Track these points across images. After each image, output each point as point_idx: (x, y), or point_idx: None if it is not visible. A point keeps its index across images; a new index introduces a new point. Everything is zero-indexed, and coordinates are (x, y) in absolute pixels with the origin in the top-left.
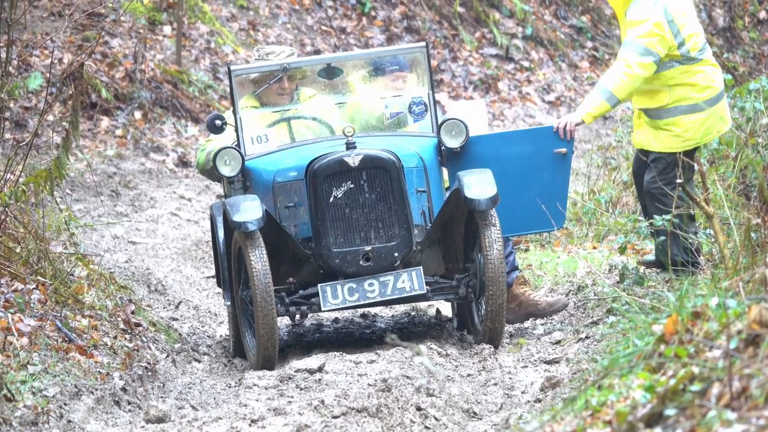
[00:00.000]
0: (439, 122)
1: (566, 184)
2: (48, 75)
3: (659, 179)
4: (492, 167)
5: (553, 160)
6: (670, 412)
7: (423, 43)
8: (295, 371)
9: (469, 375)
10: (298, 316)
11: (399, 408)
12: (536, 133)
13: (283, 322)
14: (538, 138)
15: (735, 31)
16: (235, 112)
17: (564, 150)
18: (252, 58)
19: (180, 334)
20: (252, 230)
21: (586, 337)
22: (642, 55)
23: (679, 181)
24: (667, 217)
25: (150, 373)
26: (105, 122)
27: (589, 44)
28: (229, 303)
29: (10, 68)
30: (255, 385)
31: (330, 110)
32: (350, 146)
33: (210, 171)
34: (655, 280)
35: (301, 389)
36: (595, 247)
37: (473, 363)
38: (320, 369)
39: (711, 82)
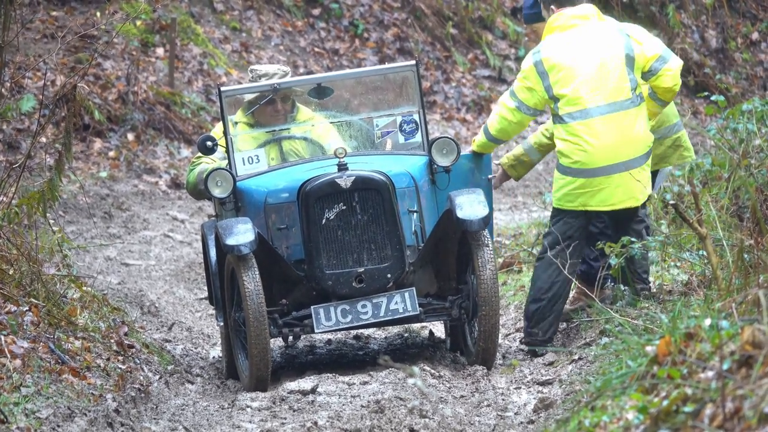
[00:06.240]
0: (430, 140)
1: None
2: (41, 97)
3: (550, 229)
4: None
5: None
6: None
7: (413, 62)
8: (288, 393)
9: (462, 396)
10: (291, 338)
11: (392, 430)
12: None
13: (276, 343)
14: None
15: (728, 52)
16: (226, 133)
17: (490, 177)
18: (246, 79)
19: (173, 355)
20: (245, 253)
21: (579, 359)
22: (510, 97)
23: (672, 202)
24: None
25: (143, 395)
26: (98, 144)
27: None
28: (222, 324)
29: (3, 90)
30: (248, 406)
31: (327, 133)
32: (342, 167)
33: (200, 191)
34: (649, 302)
35: (294, 411)
36: None
37: (466, 384)
38: (313, 390)
39: (577, 151)
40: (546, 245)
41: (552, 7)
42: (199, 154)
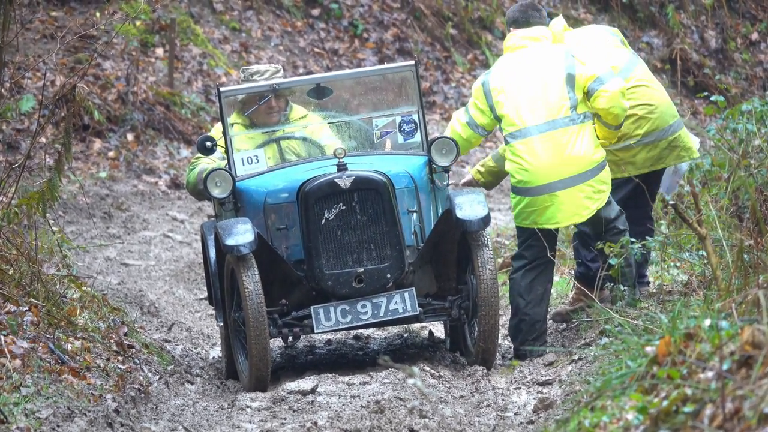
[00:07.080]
0: (429, 140)
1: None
2: (40, 97)
3: (518, 250)
4: None
5: None
6: None
7: (412, 62)
8: (288, 393)
9: (461, 396)
10: (290, 338)
11: (392, 430)
12: None
13: (276, 343)
14: None
15: (727, 53)
16: (225, 134)
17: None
18: (239, 79)
19: (173, 355)
20: (244, 254)
21: (579, 359)
22: (464, 112)
23: (671, 202)
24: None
25: (143, 395)
26: (97, 144)
27: None
28: (221, 324)
29: (3, 90)
30: (248, 407)
31: (320, 129)
32: (341, 167)
33: (200, 191)
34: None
35: (294, 411)
36: None
37: (466, 384)
38: (313, 391)
39: (519, 171)
40: (515, 266)
41: (511, 28)
42: (199, 154)
